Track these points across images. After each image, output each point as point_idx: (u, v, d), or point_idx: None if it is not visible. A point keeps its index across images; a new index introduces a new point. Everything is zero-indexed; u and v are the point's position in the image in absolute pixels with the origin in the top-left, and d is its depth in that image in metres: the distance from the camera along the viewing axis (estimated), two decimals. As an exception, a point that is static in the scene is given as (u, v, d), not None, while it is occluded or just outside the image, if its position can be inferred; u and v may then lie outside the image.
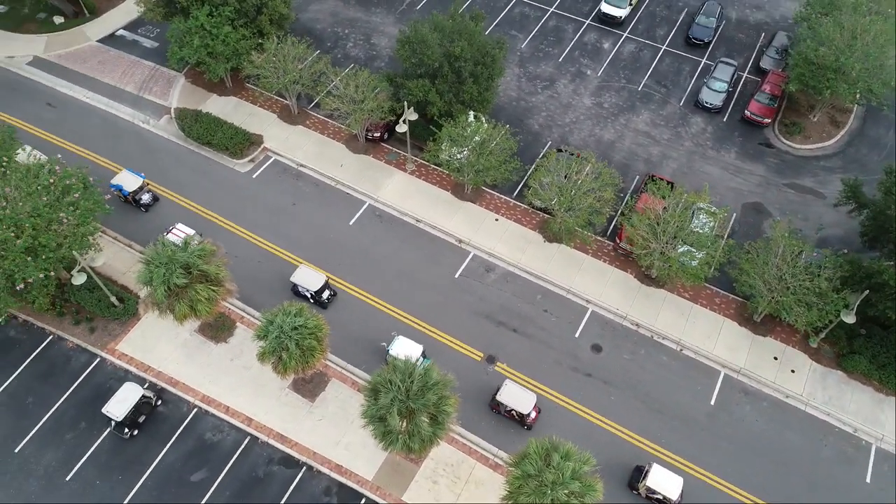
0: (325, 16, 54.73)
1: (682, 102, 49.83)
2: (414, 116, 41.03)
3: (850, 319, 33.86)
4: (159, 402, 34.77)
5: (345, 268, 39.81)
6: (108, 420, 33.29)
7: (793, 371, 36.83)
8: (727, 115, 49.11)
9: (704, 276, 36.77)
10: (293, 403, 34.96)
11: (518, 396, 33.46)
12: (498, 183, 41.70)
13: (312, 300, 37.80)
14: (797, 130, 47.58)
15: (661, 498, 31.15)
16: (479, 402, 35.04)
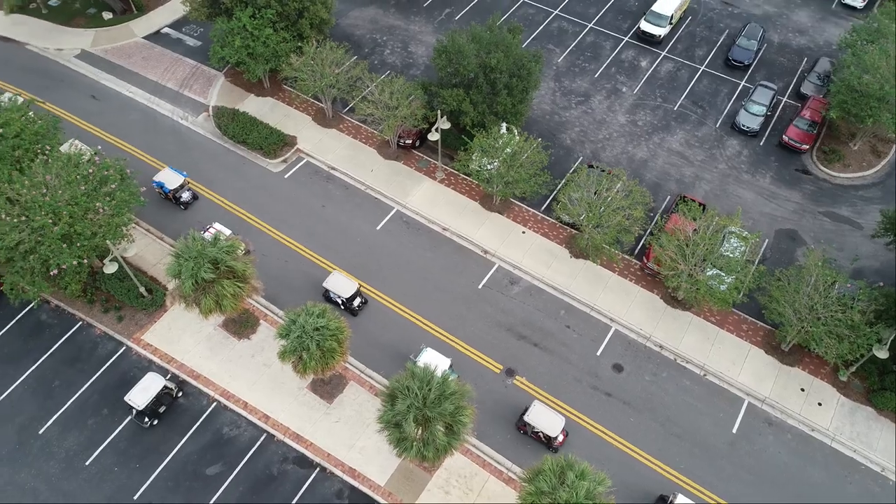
0: (364, 22, 55.40)
1: (719, 124, 49.19)
2: (446, 125, 41.21)
3: (883, 355, 32.89)
4: (180, 394, 35.25)
5: (370, 272, 40.00)
6: (129, 408, 33.88)
7: (820, 404, 35.87)
8: (764, 139, 48.33)
9: (733, 301, 36.08)
10: (311, 404, 35.15)
11: (547, 418, 32.87)
12: (527, 196, 41.58)
13: (343, 307, 37.81)
14: (836, 158, 46.59)
15: None
16: (496, 414, 34.80)
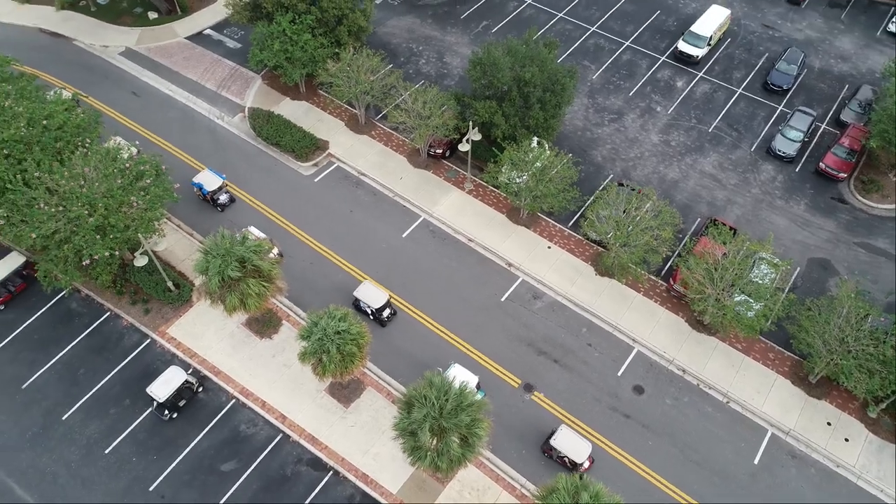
0: (401, 31, 55.95)
1: (754, 148, 48.44)
2: (477, 137, 41.30)
3: (916, 393, 31.90)
4: (200, 389, 35.67)
5: (394, 279, 40.10)
6: (150, 400, 34.38)
7: (847, 440, 34.83)
8: (800, 165, 47.43)
9: (760, 328, 35.33)
10: (328, 407, 35.28)
11: (573, 444, 32.34)
12: (554, 211, 41.38)
13: (373, 317, 37.83)
14: (875, 188, 45.48)
15: None
16: (512, 429, 34.51)
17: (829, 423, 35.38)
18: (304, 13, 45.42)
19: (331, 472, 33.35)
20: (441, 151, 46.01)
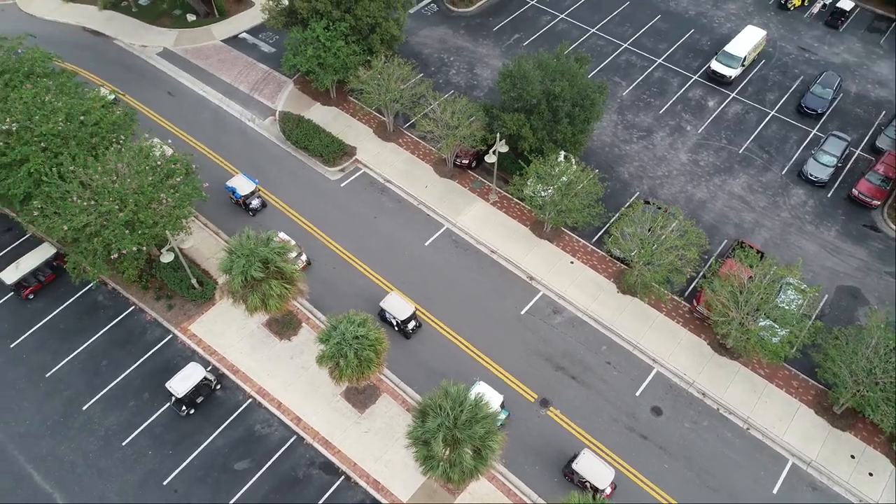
0: (433, 41, 56.34)
1: (785, 172, 47.68)
2: (504, 149, 41.31)
3: (945, 430, 30.92)
4: (218, 387, 36.01)
5: (414, 286, 40.14)
6: (169, 395, 34.81)
7: (871, 474, 33.84)
8: (832, 191, 46.54)
9: (784, 355, 34.61)
10: (342, 411, 35.34)
11: (596, 469, 31.74)
12: (579, 226, 41.12)
13: (397, 328, 37.78)
14: (909, 217, 44.46)
15: None
16: (527, 444, 34.20)
17: (853, 457, 34.43)
18: (339, 20, 46.02)
19: (342, 477, 33.35)
20: (467, 162, 46.09)
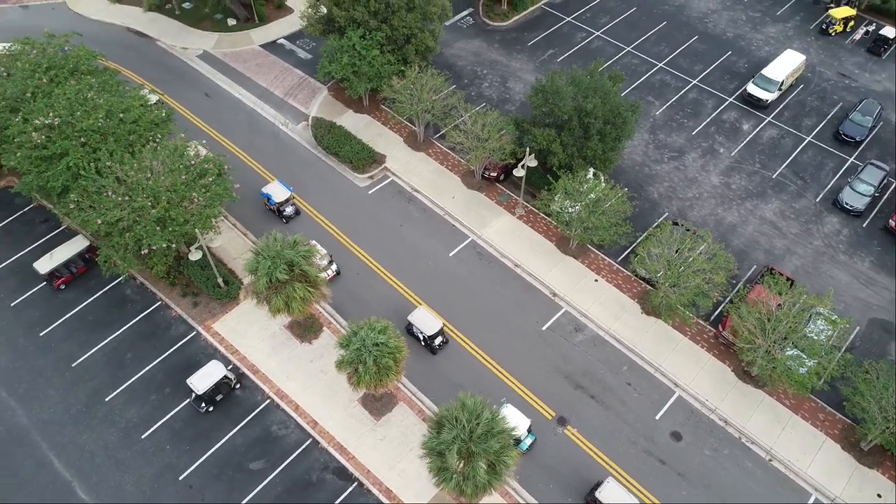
0: (467, 54, 56.65)
1: (819, 199, 46.73)
2: (533, 163, 41.24)
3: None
4: (238, 385, 36.35)
5: (437, 296, 40.14)
6: (189, 391, 35.24)
7: (898, 515, 32.78)
8: (868, 220, 45.45)
9: (811, 386, 33.76)
10: (359, 417, 35.38)
11: (620, 499, 31.13)
12: (605, 244, 40.76)
13: (424, 343, 37.63)
14: (948, 252, 43.19)
15: None
16: (542, 462, 33.82)
17: (880, 496, 33.34)
18: (375, 30, 46.58)
19: (355, 483, 33.33)
20: (495, 175, 46.10)
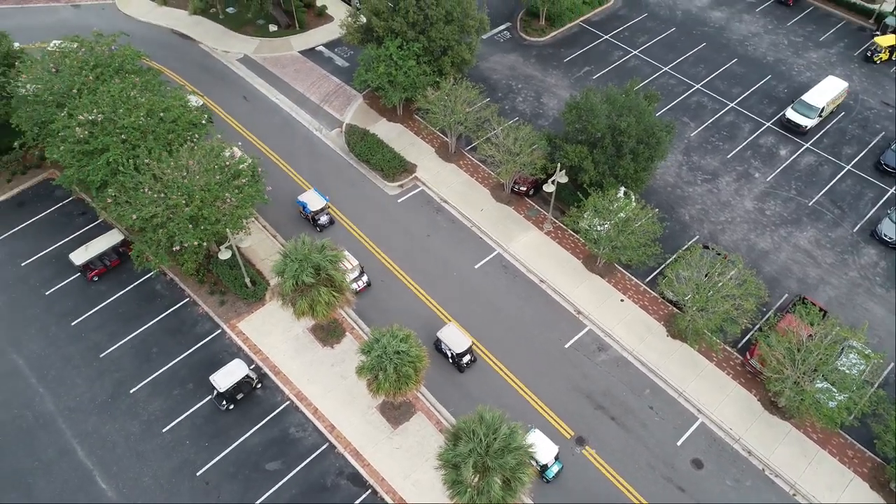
0: (503, 68, 56.83)
1: (857, 229, 45.59)
2: (564, 179, 41.06)
3: None
4: (259, 385, 36.68)
5: (459, 307, 40.09)
6: (211, 388, 35.67)
7: (927, 561, 31.53)
8: (907, 254, 44.24)
9: (841, 421, 32.77)
10: (376, 424, 35.40)
11: None
12: (633, 264, 40.30)
13: (452, 361, 37.42)
14: None
15: None
16: (558, 481, 33.34)
17: (909, 539, 32.17)
18: (413, 41, 47.05)
19: (369, 491, 33.28)
20: (525, 189, 46.01)
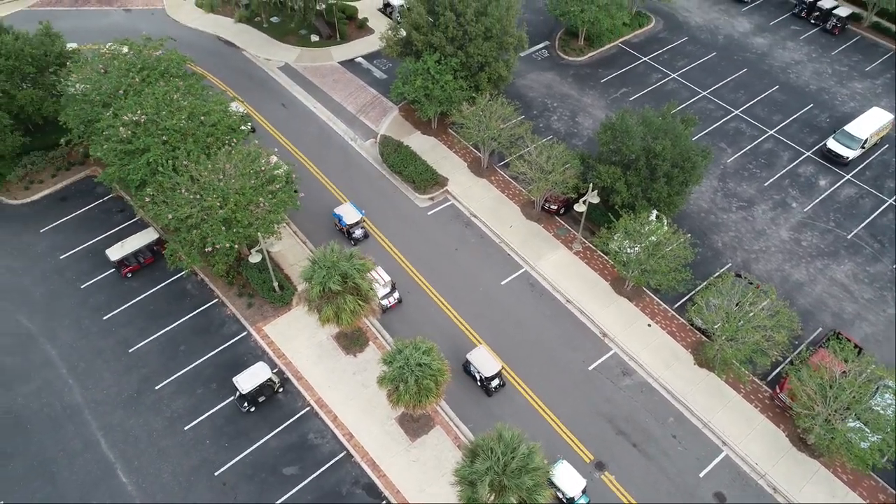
0: (539, 86, 56.90)
1: (897, 265, 44.34)
2: (596, 200, 40.77)
3: None
4: (281, 389, 36.95)
5: (484, 324, 39.93)
6: (234, 389, 36.05)
7: None
8: (950, 293, 42.74)
9: (873, 463, 31.63)
10: (394, 436, 35.33)
11: None
12: (662, 288, 39.69)
13: (480, 384, 36.87)
14: None
15: None
16: (574, 506, 32.86)
17: (941, 592, 30.77)
18: (451, 56, 47.45)
19: (384, 502, 33.14)
20: (556, 207, 45.81)
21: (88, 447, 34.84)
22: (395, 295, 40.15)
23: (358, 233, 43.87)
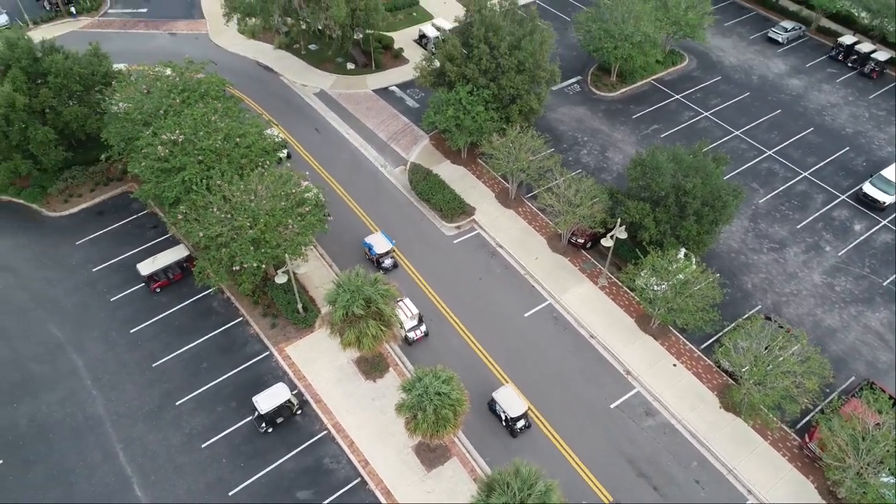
0: (570, 120, 57.13)
1: (936, 315, 42.89)
2: (623, 235, 40.47)
3: None
4: (299, 411, 36.93)
5: (505, 356, 39.57)
6: (252, 409, 36.13)
7: None
8: None
9: (907, 522, 30.28)
10: (410, 464, 34.93)
11: None
12: (688, 328, 38.95)
13: (505, 424, 36.02)
14: None
15: None
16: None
17: None
18: (483, 87, 48.02)
19: (396, 533, 32.71)
20: (582, 241, 45.55)
21: (107, 459, 35.10)
22: (423, 328, 39.94)
23: (387, 262, 43.91)
